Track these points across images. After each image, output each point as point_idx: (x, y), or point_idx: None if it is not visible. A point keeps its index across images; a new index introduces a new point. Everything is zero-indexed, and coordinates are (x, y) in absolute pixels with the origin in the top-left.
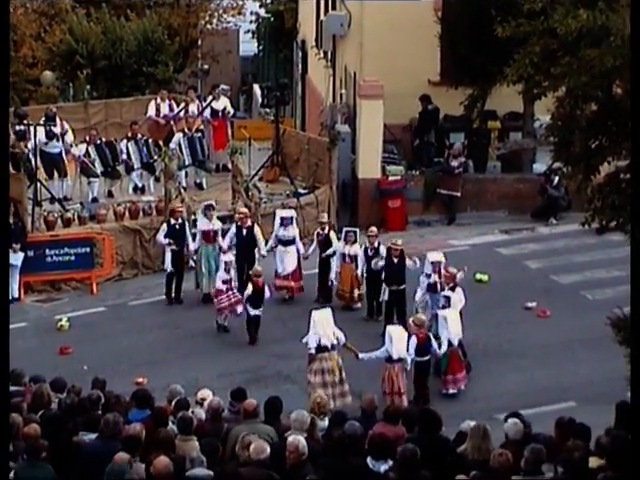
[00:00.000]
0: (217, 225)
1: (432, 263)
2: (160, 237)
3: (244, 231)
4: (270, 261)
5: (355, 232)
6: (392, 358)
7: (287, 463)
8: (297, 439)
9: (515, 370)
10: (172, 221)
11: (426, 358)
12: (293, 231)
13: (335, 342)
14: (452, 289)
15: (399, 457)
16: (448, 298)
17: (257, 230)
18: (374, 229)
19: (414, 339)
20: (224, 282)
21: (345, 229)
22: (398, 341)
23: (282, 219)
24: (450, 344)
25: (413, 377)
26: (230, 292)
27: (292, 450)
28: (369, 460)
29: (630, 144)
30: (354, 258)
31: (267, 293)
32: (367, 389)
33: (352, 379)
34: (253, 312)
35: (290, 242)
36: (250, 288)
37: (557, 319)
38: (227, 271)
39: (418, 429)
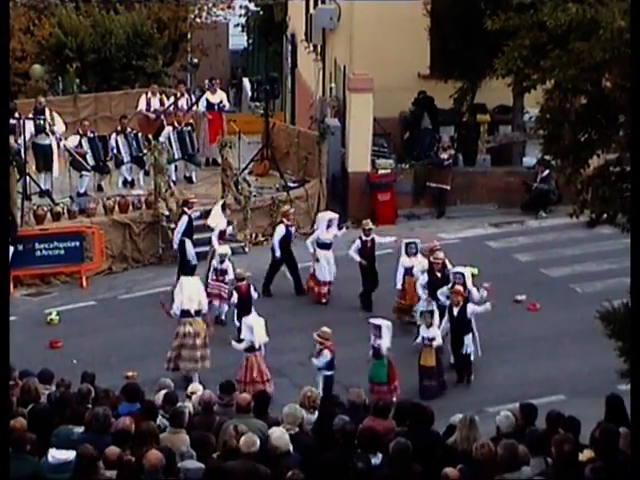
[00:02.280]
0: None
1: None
2: (179, 230)
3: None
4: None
5: (416, 244)
6: (254, 347)
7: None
8: (272, 431)
9: (505, 363)
10: (188, 212)
11: (333, 372)
12: (333, 234)
13: (200, 309)
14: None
15: (391, 451)
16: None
17: None
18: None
19: (327, 353)
20: (215, 271)
21: (405, 241)
22: (258, 329)
23: (330, 220)
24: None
25: (322, 389)
26: (222, 284)
27: (273, 444)
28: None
29: (622, 137)
30: (410, 270)
31: (254, 295)
32: (355, 382)
33: (339, 373)
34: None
35: (330, 245)
36: (235, 296)
37: (547, 312)
38: (221, 262)
39: (409, 423)
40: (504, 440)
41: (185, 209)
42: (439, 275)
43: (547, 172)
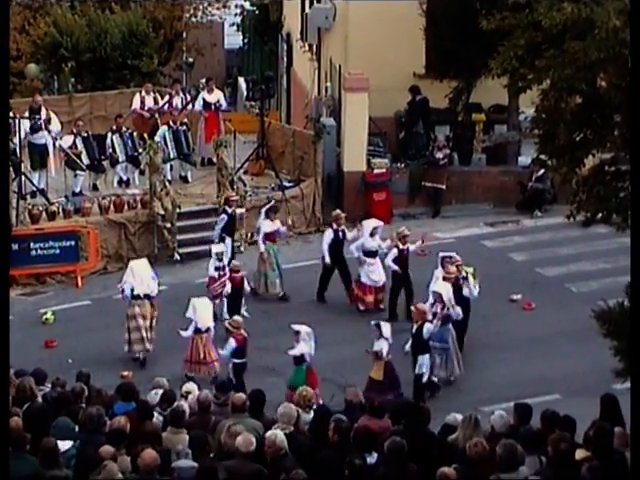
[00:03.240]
0: (278, 224)
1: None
2: (219, 228)
3: (234, 214)
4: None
5: (451, 257)
6: (200, 330)
7: (267, 457)
8: (274, 434)
9: (500, 362)
10: (229, 210)
11: (244, 360)
12: (379, 241)
13: (149, 292)
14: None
15: (386, 450)
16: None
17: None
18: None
19: (233, 341)
20: (217, 269)
21: (441, 254)
22: (202, 312)
23: (375, 229)
24: (304, 359)
25: (233, 376)
26: (222, 279)
27: (270, 445)
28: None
29: (617, 136)
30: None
31: (247, 288)
32: (351, 381)
33: (336, 372)
34: (234, 312)
35: (375, 253)
36: (229, 286)
37: (542, 312)
38: (220, 260)
39: (405, 423)
40: (503, 440)
41: (226, 207)
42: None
43: (542, 171)
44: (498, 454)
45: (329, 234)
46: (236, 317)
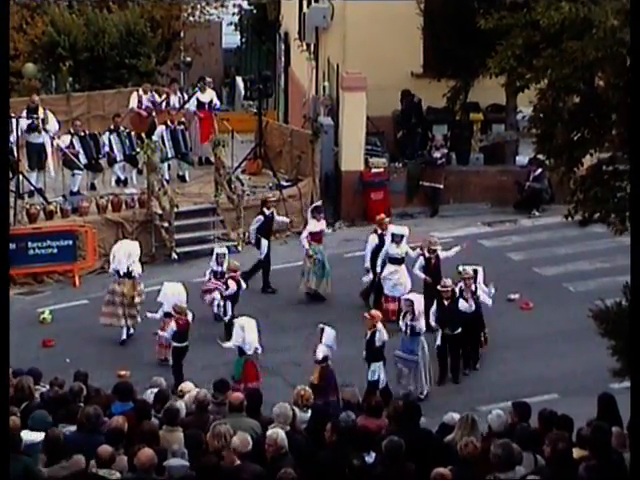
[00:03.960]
0: (324, 225)
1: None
2: (254, 228)
3: (270, 216)
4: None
5: (476, 270)
6: (170, 314)
7: (267, 456)
8: (276, 432)
9: (498, 362)
10: (266, 212)
11: (185, 344)
12: (405, 248)
13: (130, 271)
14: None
15: (384, 450)
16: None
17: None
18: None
19: (173, 324)
20: (214, 273)
21: (466, 268)
22: (173, 297)
23: (393, 235)
24: (244, 352)
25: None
26: (218, 281)
27: (271, 444)
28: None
29: (615, 136)
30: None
31: (243, 286)
32: (349, 382)
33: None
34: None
35: (401, 260)
36: (232, 284)
37: (540, 311)
38: (220, 264)
39: (401, 421)
40: (500, 440)
41: (263, 209)
42: (446, 303)
43: (540, 171)
44: (495, 453)
45: (374, 239)
46: (180, 303)
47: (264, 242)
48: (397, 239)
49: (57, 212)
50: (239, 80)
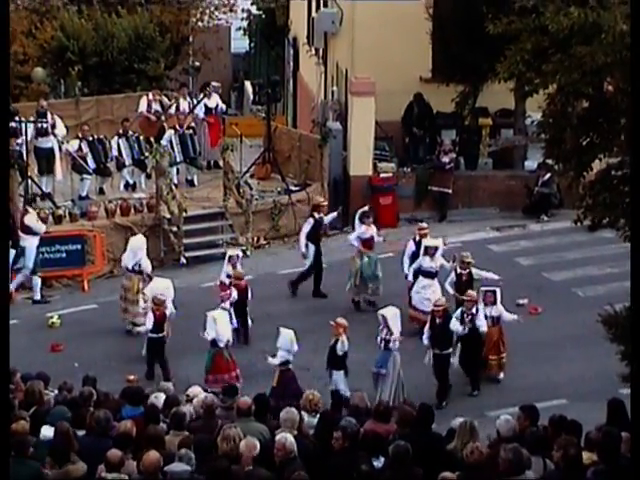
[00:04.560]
0: (374, 231)
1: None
2: (304, 232)
3: (320, 220)
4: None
5: (494, 292)
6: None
7: (276, 460)
8: (284, 437)
9: (506, 367)
10: (316, 215)
11: (161, 335)
12: (441, 261)
13: (137, 267)
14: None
15: (391, 454)
16: None
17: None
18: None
19: (151, 315)
20: (228, 276)
21: (483, 288)
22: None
23: (426, 248)
24: (216, 344)
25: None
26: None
27: (280, 448)
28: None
29: (624, 141)
30: (497, 320)
31: (249, 297)
32: (358, 387)
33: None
34: (241, 317)
35: (434, 274)
36: (235, 293)
37: (548, 316)
38: (233, 265)
39: (413, 425)
40: (510, 444)
41: (314, 213)
42: (438, 322)
43: (548, 176)
44: (505, 458)
45: (411, 246)
46: (160, 295)
47: (311, 247)
48: (431, 251)
49: (66, 216)
50: (248, 85)
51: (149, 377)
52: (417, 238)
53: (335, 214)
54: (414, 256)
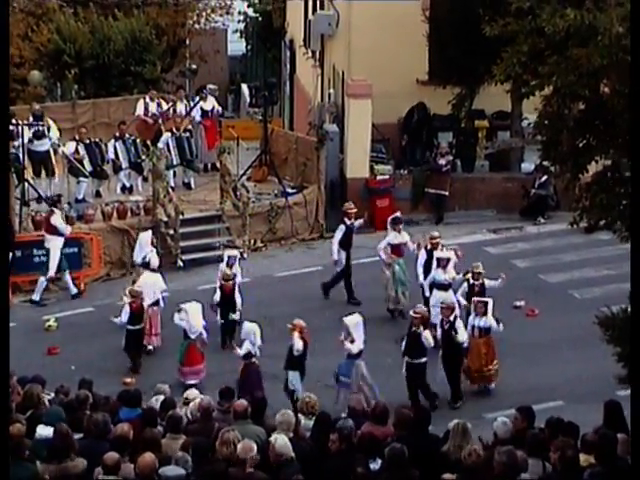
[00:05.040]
0: (406, 237)
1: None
2: (337, 238)
3: (352, 226)
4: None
5: (486, 303)
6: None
7: (271, 463)
8: (274, 439)
9: (503, 369)
10: (347, 221)
11: (139, 327)
12: (452, 274)
13: (145, 262)
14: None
15: (387, 457)
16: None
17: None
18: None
19: (127, 308)
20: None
21: (475, 298)
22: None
23: (438, 260)
24: (187, 336)
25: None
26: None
27: (270, 450)
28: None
29: (621, 143)
30: (485, 331)
31: (238, 298)
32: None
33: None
34: (226, 318)
35: (447, 287)
36: (218, 294)
37: (545, 318)
38: (230, 266)
39: (411, 426)
40: (504, 447)
41: (345, 219)
42: (413, 329)
43: (545, 178)
44: (499, 461)
45: (423, 255)
46: (135, 287)
47: (342, 253)
48: (443, 263)
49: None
50: (244, 87)
51: (134, 370)
52: (428, 247)
53: (362, 221)
54: (427, 265)
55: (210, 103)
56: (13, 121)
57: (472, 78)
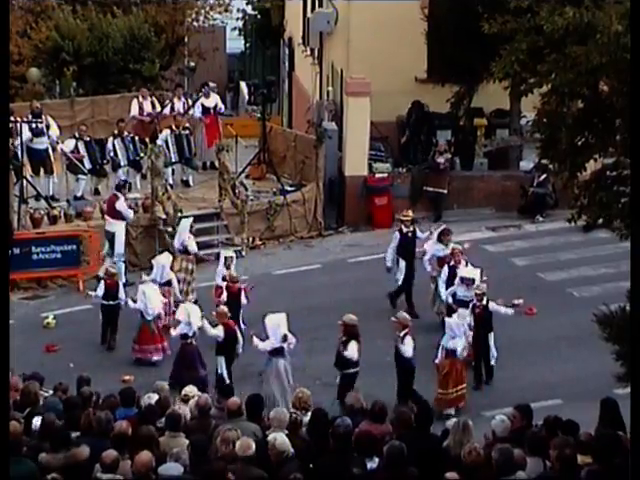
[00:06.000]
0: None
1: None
2: (392, 247)
3: (409, 234)
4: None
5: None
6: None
7: (272, 460)
8: (274, 437)
9: (501, 367)
10: (404, 229)
11: (116, 302)
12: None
13: (183, 248)
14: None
15: (386, 455)
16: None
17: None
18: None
19: (102, 284)
20: (224, 279)
21: (447, 319)
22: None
23: (462, 279)
24: (143, 316)
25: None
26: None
27: (270, 448)
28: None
29: (619, 141)
30: (451, 352)
31: (244, 300)
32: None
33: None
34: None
35: (468, 303)
36: (225, 295)
37: (543, 316)
38: (227, 267)
39: (415, 421)
40: (499, 445)
41: (402, 226)
42: (344, 339)
43: (544, 176)
44: (494, 459)
45: (445, 271)
46: (110, 268)
47: (402, 263)
48: (467, 282)
49: (61, 217)
50: (243, 85)
51: (102, 342)
52: (451, 263)
53: (428, 233)
54: (449, 281)
55: (213, 100)
56: (12, 118)
57: (471, 76)
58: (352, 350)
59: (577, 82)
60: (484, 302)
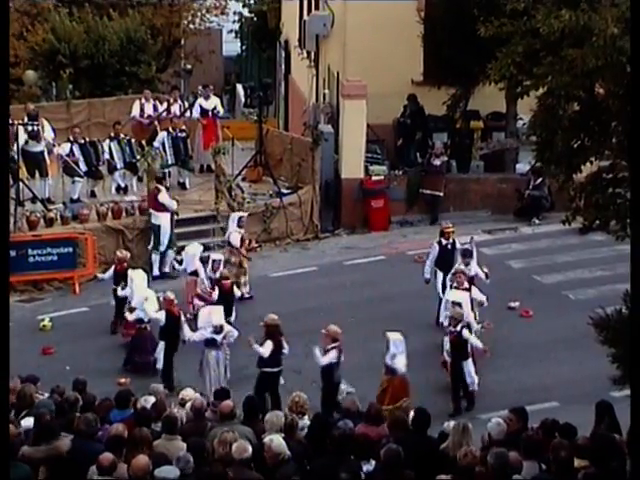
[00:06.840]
0: (475, 268)
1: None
2: (430, 258)
3: (449, 246)
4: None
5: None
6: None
7: (268, 463)
8: (270, 439)
9: (498, 370)
10: (443, 241)
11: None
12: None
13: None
14: None
15: (383, 457)
16: None
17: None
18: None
19: (112, 269)
20: (210, 280)
21: (389, 334)
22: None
23: (472, 300)
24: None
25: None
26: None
27: (267, 450)
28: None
29: (615, 143)
30: (390, 370)
31: (237, 294)
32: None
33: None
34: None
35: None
36: (216, 292)
37: (540, 319)
38: (214, 270)
39: (412, 424)
40: (494, 449)
41: (441, 239)
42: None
43: (540, 179)
44: (490, 463)
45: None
46: (124, 252)
47: (440, 275)
48: (453, 305)
49: (57, 219)
50: (239, 88)
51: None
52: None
53: (468, 246)
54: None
55: (212, 102)
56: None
57: (467, 79)
58: (266, 348)
59: (573, 85)
60: (458, 328)
